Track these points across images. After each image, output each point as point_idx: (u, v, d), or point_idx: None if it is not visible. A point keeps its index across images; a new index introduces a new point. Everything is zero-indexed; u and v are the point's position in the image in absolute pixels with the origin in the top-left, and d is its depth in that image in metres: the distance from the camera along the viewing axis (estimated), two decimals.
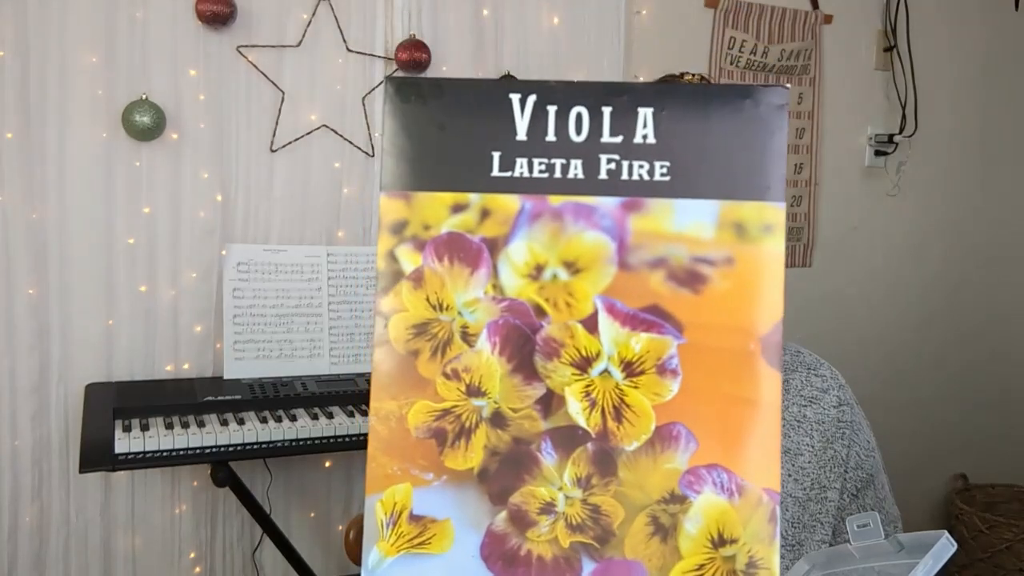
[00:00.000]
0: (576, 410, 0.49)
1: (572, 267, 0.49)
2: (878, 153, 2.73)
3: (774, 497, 0.47)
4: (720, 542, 0.47)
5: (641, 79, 2.23)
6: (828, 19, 2.58)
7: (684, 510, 0.48)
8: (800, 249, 2.65)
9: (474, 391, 0.49)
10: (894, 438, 2.16)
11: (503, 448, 0.48)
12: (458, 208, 0.50)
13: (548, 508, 0.48)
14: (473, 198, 0.50)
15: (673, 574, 0.47)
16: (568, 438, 0.48)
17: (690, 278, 0.49)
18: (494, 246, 0.49)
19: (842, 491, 0.91)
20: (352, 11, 1.96)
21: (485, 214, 0.50)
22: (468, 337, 0.49)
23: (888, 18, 2.69)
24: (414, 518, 0.48)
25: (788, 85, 0.71)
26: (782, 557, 0.86)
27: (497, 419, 0.49)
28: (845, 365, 1.08)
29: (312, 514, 2.07)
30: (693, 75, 0.93)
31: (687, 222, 0.49)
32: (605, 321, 0.49)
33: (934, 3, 2.76)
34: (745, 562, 0.47)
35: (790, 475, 0.89)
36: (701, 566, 0.47)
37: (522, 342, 0.49)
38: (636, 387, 0.48)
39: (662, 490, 0.48)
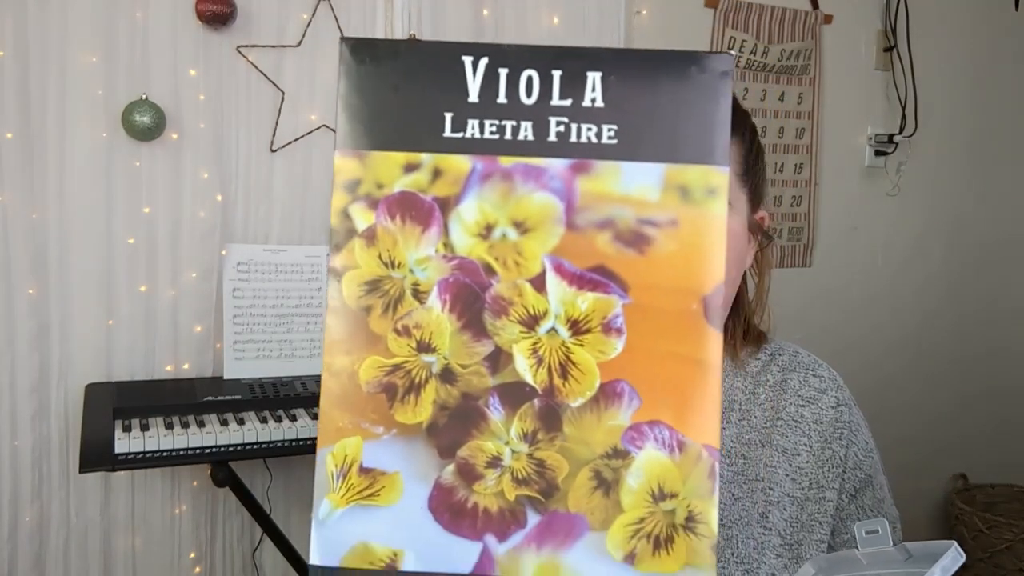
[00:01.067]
0: (523, 367, 0.49)
1: (521, 227, 0.50)
2: (878, 153, 2.73)
3: (714, 454, 0.48)
4: (660, 496, 0.48)
5: None
6: (828, 19, 2.58)
7: (626, 465, 0.48)
8: (800, 249, 2.65)
9: (424, 347, 0.49)
10: (894, 438, 2.15)
11: (452, 403, 0.49)
12: (411, 168, 0.50)
13: (495, 462, 0.49)
14: (425, 158, 0.50)
15: (614, 527, 0.48)
16: (515, 394, 0.49)
17: (636, 239, 0.49)
18: (446, 205, 0.50)
19: (840, 491, 0.91)
20: (352, 11, 1.96)
21: (437, 174, 0.50)
22: (419, 294, 0.50)
23: (888, 18, 2.69)
24: (364, 471, 0.49)
25: (733, 52, 0.73)
26: (780, 556, 0.87)
27: (446, 375, 0.49)
28: (844, 365, 1.07)
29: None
30: None
31: (633, 184, 0.50)
32: (553, 280, 0.49)
33: (934, 3, 2.76)
34: (684, 516, 0.48)
35: (788, 475, 0.89)
36: (642, 520, 0.48)
37: (472, 300, 0.50)
38: (582, 345, 0.49)
39: (605, 446, 0.49)
